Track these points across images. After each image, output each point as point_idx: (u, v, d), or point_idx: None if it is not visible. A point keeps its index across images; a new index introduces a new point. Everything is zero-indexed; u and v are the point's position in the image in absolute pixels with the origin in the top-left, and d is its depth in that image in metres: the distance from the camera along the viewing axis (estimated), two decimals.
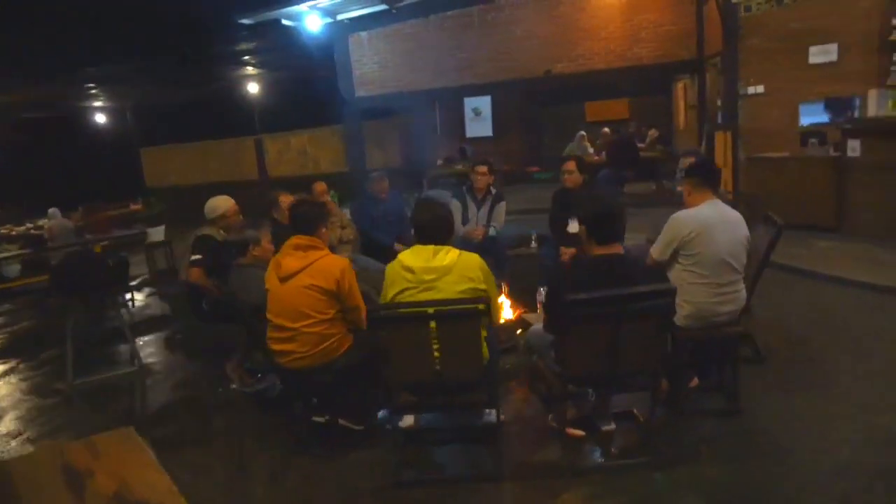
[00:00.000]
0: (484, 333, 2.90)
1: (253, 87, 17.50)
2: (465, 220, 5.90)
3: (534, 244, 5.78)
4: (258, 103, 17.74)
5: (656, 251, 3.34)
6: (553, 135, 15.32)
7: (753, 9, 8.30)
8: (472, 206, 5.92)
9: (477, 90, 11.99)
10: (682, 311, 3.26)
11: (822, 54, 8.33)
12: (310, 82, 15.08)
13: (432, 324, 2.81)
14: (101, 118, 20.87)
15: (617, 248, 2.86)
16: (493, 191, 5.94)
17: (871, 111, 8.12)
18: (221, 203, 4.41)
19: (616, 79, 11.16)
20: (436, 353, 2.85)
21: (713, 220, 3.24)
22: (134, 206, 14.93)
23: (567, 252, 5.23)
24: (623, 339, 2.78)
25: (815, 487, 2.72)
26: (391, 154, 15.70)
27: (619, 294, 2.64)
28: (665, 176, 11.90)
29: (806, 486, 2.73)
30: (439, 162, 14.83)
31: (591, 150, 12.22)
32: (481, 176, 5.83)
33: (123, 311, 6.06)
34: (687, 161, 4.82)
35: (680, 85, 12.46)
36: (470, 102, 15.31)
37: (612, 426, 3.27)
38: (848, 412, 3.29)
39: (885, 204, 6.60)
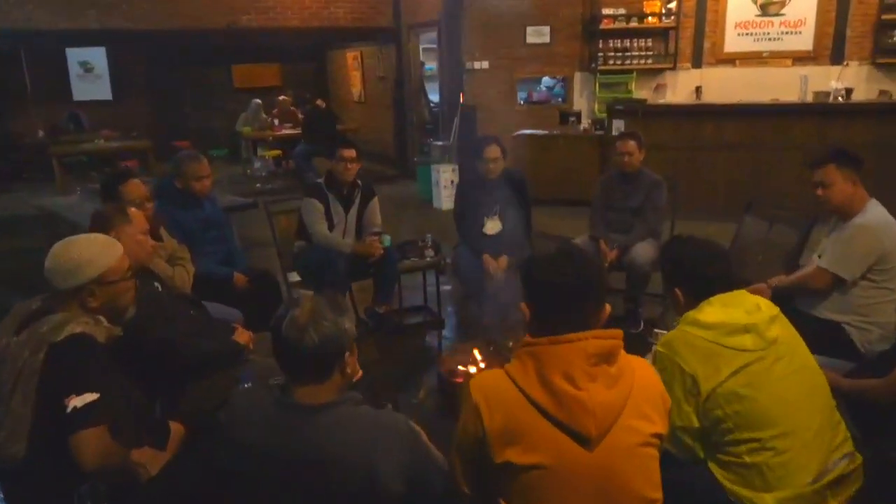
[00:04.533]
0: None
1: None
2: (330, 227, 4.11)
3: (430, 251, 4.38)
4: None
5: (846, 269, 2.68)
6: (195, 102, 12.75)
7: None
8: (337, 207, 4.16)
9: (134, 37, 8.95)
10: (872, 336, 2.70)
11: (537, 35, 8.71)
12: None
13: None
14: None
15: None
16: (360, 182, 4.28)
17: (577, 93, 8.90)
18: (96, 252, 1.88)
19: (312, 38, 9.73)
20: None
21: (893, 222, 2.75)
22: None
23: (490, 263, 4.12)
24: None
25: None
26: None
27: None
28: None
29: None
30: (41, 133, 10.77)
31: (272, 121, 10.46)
32: (350, 164, 4.10)
33: None
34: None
35: (352, 54, 11.65)
36: (75, 55, 11.50)
37: None
38: None
39: None
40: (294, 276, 4.27)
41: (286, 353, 1.56)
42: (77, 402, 1.64)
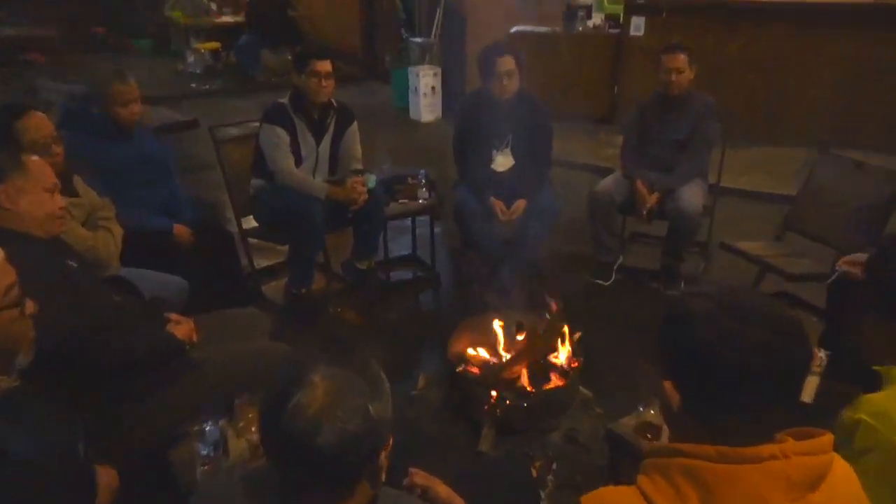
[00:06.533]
0: None
1: None
2: (297, 162, 3.16)
3: (423, 191, 3.47)
4: None
5: None
6: None
7: None
8: (306, 136, 3.18)
9: None
10: None
11: None
12: None
13: None
14: None
15: None
16: (336, 104, 3.28)
17: None
18: None
19: None
20: None
21: None
22: None
23: (500, 209, 3.29)
24: None
25: None
26: None
27: None
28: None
29: None
30: None
31: (209, 5, 8.95)
32: (325, 80, 3.09)
33: None
34: None
35: None
36: None
37: None
38: None
39: None
40: (251, 222, 3.35)
41: (286, 457, 0.96)
42: None
